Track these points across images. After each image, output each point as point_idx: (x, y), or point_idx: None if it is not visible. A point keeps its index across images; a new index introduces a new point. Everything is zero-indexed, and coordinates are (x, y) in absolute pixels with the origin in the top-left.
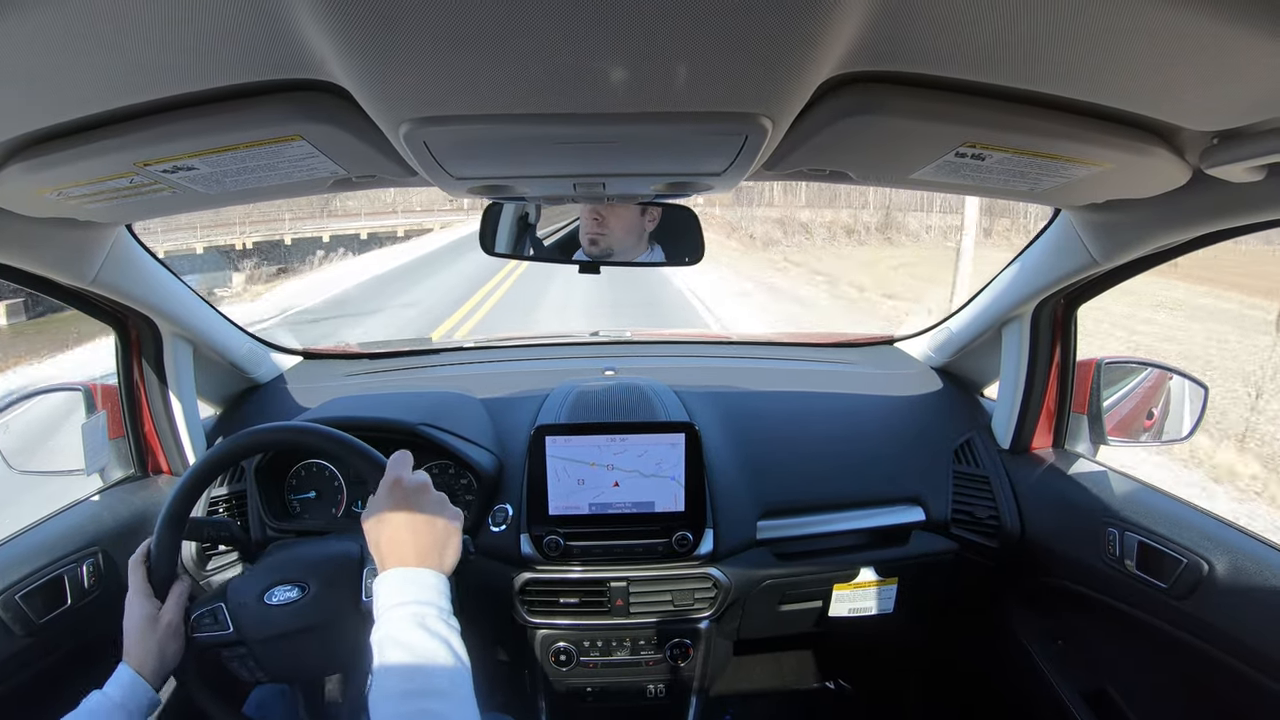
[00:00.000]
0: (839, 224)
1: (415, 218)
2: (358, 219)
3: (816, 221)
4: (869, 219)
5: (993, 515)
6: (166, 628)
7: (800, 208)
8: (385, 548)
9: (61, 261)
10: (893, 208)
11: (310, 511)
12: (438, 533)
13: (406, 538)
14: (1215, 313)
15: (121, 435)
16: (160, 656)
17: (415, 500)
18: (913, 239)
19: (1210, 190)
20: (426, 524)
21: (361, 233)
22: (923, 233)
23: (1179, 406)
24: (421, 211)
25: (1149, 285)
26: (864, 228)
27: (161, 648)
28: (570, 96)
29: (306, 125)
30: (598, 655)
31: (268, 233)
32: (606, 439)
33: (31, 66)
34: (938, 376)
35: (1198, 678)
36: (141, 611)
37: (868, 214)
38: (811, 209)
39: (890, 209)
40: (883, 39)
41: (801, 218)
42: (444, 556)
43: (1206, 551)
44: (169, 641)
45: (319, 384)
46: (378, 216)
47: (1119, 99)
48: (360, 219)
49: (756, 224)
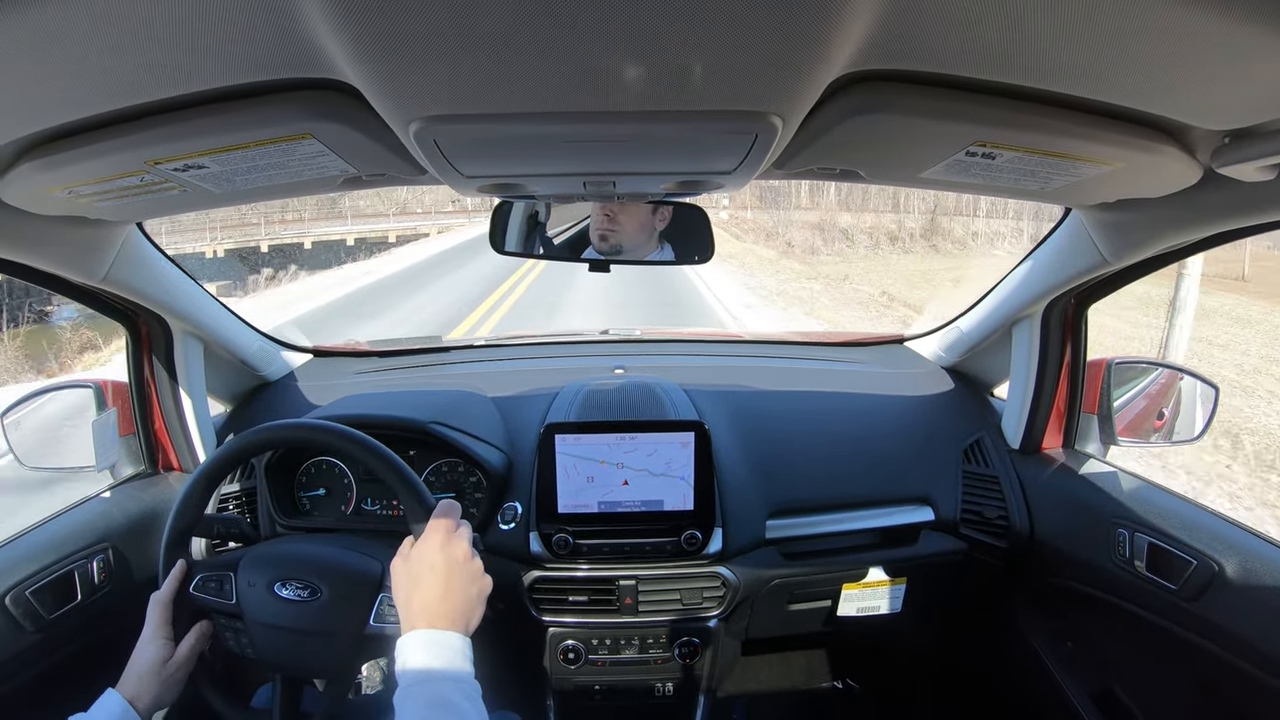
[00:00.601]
0: (881, 229)
1: (411, 221)
2: (344, 223)
3: (857, 226)
4: (913, 224)
5: (1002, 515)
6: (174, 674)
7: (839, 211)
8: (417, 604)
9: (72, 259)
10: (938, 212)
11: (320, 509)
12: (470, 600)
13: (440, 599)
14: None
15: (132, 432)
16: (158, 698)
17: (458, 567)
18: (959, 246)
19: (1222, 190)
20: (462, 590)
21: (348, 238)
22: (969, 239)
23: (1190, 407)
24: (421, 214)
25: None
26: (908, 234)
27: (162, 689)
28: (581, 95)
29: (316, 124)
30: (606, 653)
31: (243, 238)
32: (616, 437)
33: (42, 66)
34: (948, 376)
35: (1206, 680)
36: (156, 653)
37: (912, 219)
38: (851, 212)
39: (935, 213)
40: (893, 37)
41: (841, 222)
42: (470, 621)
43: (1217, 553)
44: (171, 686)
45: (329, 382)
46: (366, 220)
47: (1130, 98)
48: (347, 223)
49: (794, 229)
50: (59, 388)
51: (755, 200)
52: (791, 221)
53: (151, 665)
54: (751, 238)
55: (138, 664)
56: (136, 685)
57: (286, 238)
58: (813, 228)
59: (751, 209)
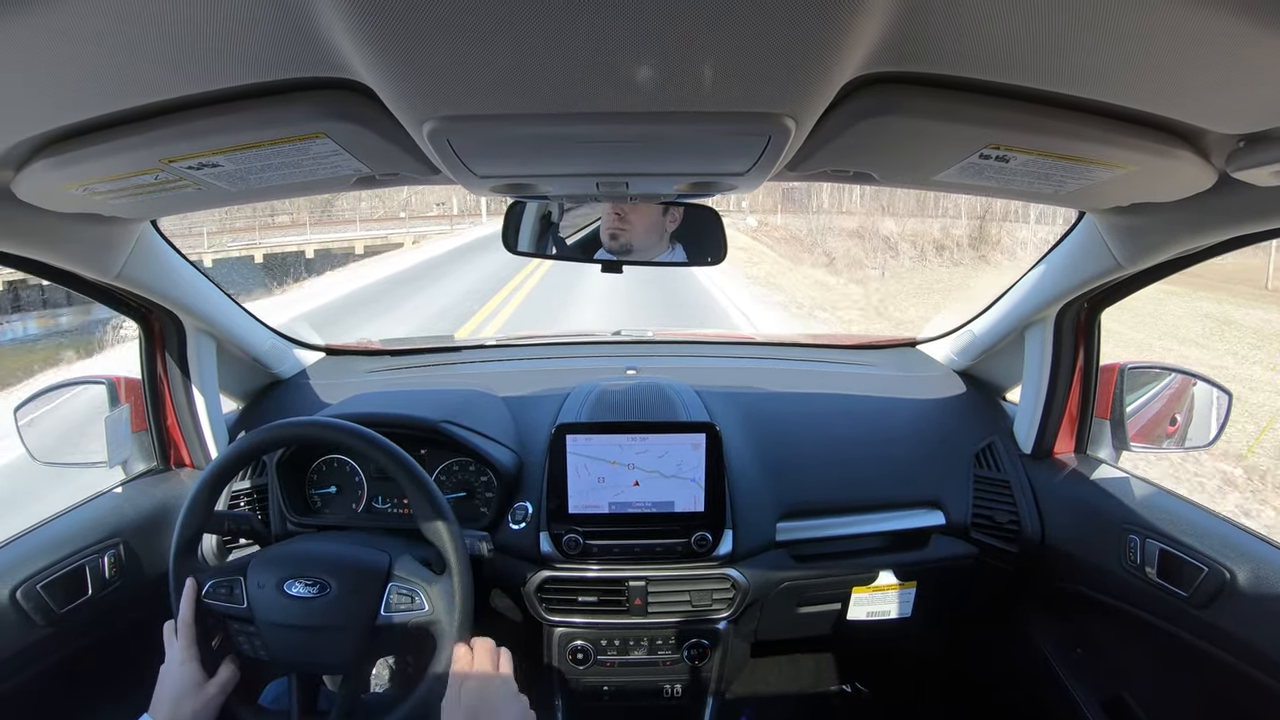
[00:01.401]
0: (927, 238)
1: (382, 229)
2: (302, 231)
3: (900, 234)
4: (959, 232)
5: (1013, 520)
6: (209, 700)
7: (880, 216)
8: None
9: (86, 256)
10: (987, 218)
11: (331, 506)
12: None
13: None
14: None
15: (144, 429)
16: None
17: (505, 702)
18: (1009, 256)
19: (1236, 194)
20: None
21: (308, 249)
22: (1018, 248)
23: (1203, 413)
24: (387, 219)
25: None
26: (955, 243)
27: (195, 715)
28: (595, 95)
29: (330, 123)
30: (615, 654)
31: (188, 248)
32: (627, 438)
33: (57, 64)
34: (960, 379)
35: (1216, 688)
36: (189, 677)
37: (959, 226)
38: (893, 218)
39: (985, 219)
40: (907, 39)
41: (884, 229)
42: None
43: (1228, 560)
44: (205, 712)
45: (341, 380)
46: (331, 227)
47: (1144, 101)
48: (306, 231)
49: (831, 236)
50: (72, 384)
51: (780, 202)
52: (829, 229)
53: (186, 689)
54: (784, 247)
55: (169, 688)
56: (171, 710)
57: (234, 250)
58: (851, 235)
59: (781, 213)
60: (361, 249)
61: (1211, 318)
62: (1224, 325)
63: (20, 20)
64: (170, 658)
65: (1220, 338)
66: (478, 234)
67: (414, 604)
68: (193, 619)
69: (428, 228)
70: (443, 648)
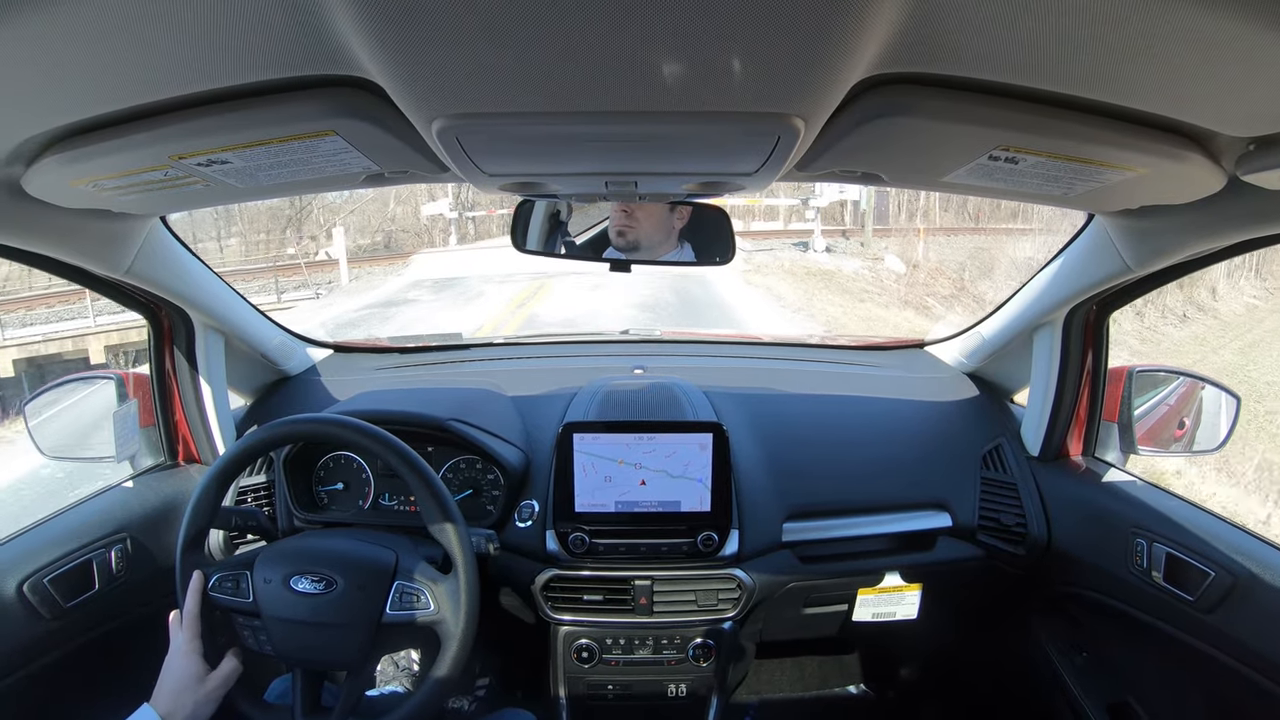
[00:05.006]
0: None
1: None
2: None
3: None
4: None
5: (1020, 523)
6: (210, 693)
7: (934, 231)
8: None
9: (96, 252)
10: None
11: (338, 503)
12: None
13: None
14: None
15: (152, 424)
16: (193, 714)
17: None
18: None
19: (1246, 197)
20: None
21: None
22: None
23: (1211, 416)
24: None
25: None
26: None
27: (197, 706)
28: (604, 94)
29: (340, 121)
30: (620, 653)
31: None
32: (634, 437)
33: (67, 60)
34: (968, 381)
35: (1222, 692)
36: (191, 669)
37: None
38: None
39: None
40: (917, 40)
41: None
42: None
43: (1234, 565)
44: (207, 703)
45: (349, 377)
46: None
47: (1154, 103)
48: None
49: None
50: (81, 379)
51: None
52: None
53: (187, 681)
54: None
55: (171, 679)
56: (172, 701)
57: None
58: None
59: (924, 235)
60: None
61: None
62: None
63: (32, 17)
64: (174, 648)
65: None
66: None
67: (419, 603)
68: (198, 611)
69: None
70: (447, 648)
